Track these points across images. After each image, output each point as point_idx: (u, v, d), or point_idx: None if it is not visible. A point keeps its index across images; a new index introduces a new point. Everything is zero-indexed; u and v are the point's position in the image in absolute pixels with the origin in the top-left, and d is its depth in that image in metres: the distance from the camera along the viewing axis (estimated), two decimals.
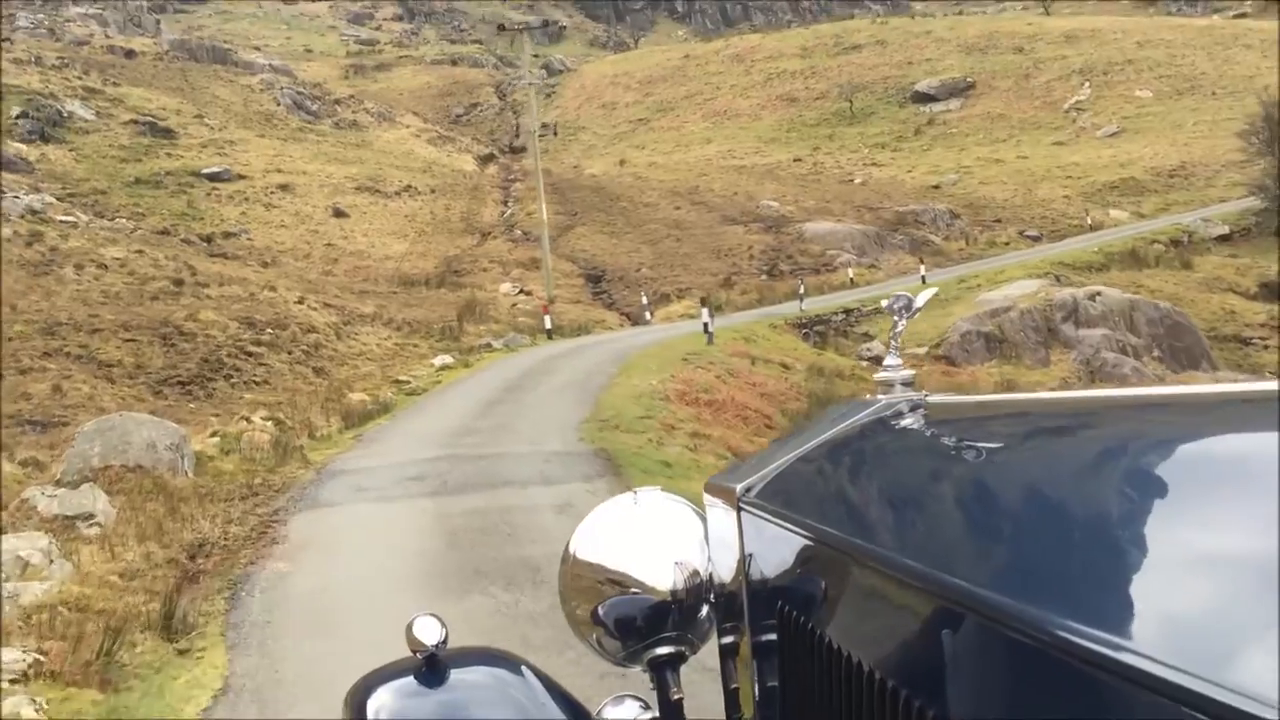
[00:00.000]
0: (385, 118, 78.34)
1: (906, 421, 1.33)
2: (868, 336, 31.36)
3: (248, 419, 16.11)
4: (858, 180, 56.01)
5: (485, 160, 72.68)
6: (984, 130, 62.82)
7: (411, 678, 1.45)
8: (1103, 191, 49.52)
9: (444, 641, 1.44)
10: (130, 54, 79.36)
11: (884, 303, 1.56)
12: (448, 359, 22.53)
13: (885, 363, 1.48)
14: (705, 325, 25.87)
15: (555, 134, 45.18)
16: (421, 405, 17.34)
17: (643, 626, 1.54)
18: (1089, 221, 45.24)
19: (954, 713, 0.80)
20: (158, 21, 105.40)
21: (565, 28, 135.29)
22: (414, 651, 1.45)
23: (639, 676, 1.57)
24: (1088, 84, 64.42)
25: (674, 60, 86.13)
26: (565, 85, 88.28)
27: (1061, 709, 0.66)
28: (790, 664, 1.21)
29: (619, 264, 43.98)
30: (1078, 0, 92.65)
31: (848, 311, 32.58)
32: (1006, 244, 44.51)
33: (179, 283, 25.85)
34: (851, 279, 38.60)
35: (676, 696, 1.53)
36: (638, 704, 1.57)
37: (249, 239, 47.21)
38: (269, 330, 23.24)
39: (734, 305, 37.49)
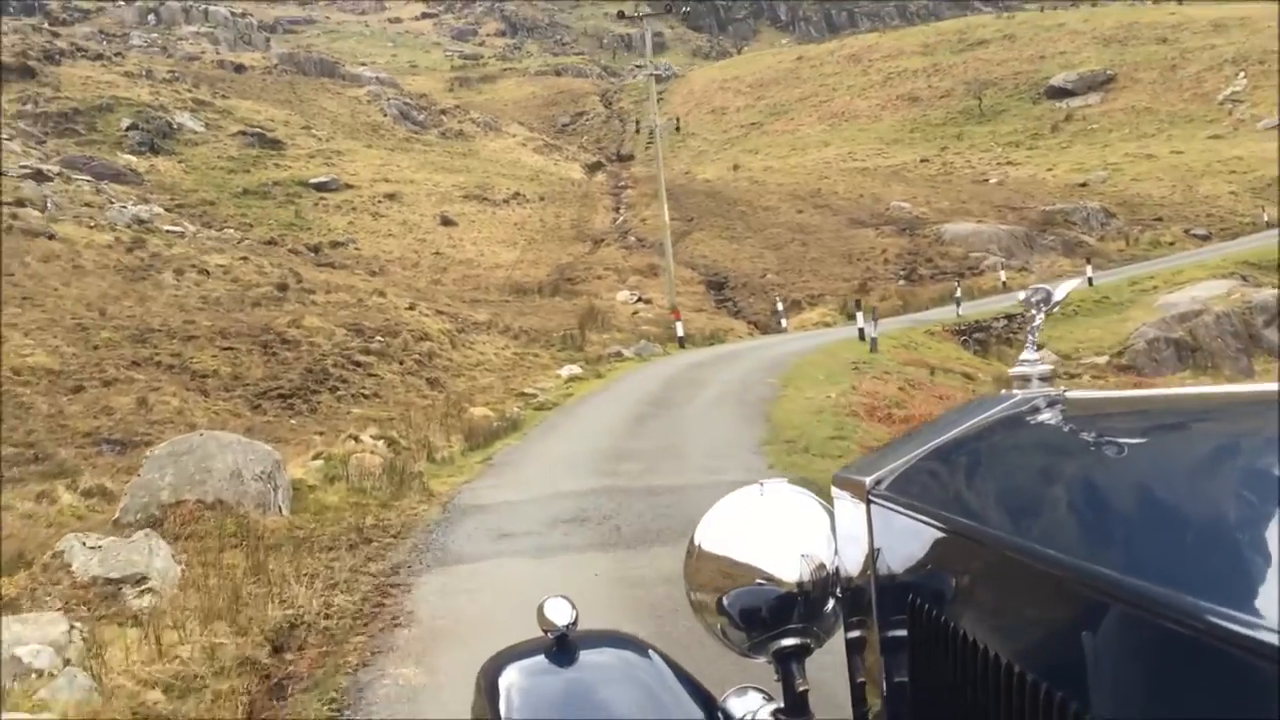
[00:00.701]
0: (491, 127, 76.81)
1: (1044, 417, 1.28)
2: (1034, 346, 27.90)
3: (356, 437, 13.62)
4: (993, 180, 52.26)
5: (593, 168, 70.59)
6: (1129, 125, 58.40)
7: (542, 656, 1.47)
8: (1274, 187, 44.95)
9: (574, 623, 1.45)
10: (240, 68, 79.25)
11: (1021, 294, 1.46)
12: (575, 369, 19.90)
13: (1021, 357, 1.41)
14: (861, 331, 23.00)
15: (679, 129, 42.45)
16: (555, 422, 14.67)
17: (768, 617, 1.53)
18: (1265, 218, 40.87)
19: (1098, 706, 0.78)
20: (267, 39, 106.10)
21: (665, 38, 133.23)
22: (545, 632, 1.46)
23: (764, 668, 1.55)
24: (1243, 74, 59.54)
25: (786, 63, 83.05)
26: (673, 91, 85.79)
27: (1213, 699, 0.64)
28: (921, 658, 1.18)
29: (741, 270, 41.09)
30: None
31: (1009, 318, 29.16)
32: (1171, 243, 40.45)
33: (283, 288, 23.75)
34: (1004, 283, 35.06)
35: (802, 688, 1.52)
36: (761, 695, 1.56)
37: (356, 248, 45.52)
38: (379, 338, 20.90)
39: (870, 308, 34.28)
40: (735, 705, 1.55)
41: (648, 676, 1.47)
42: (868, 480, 1.33)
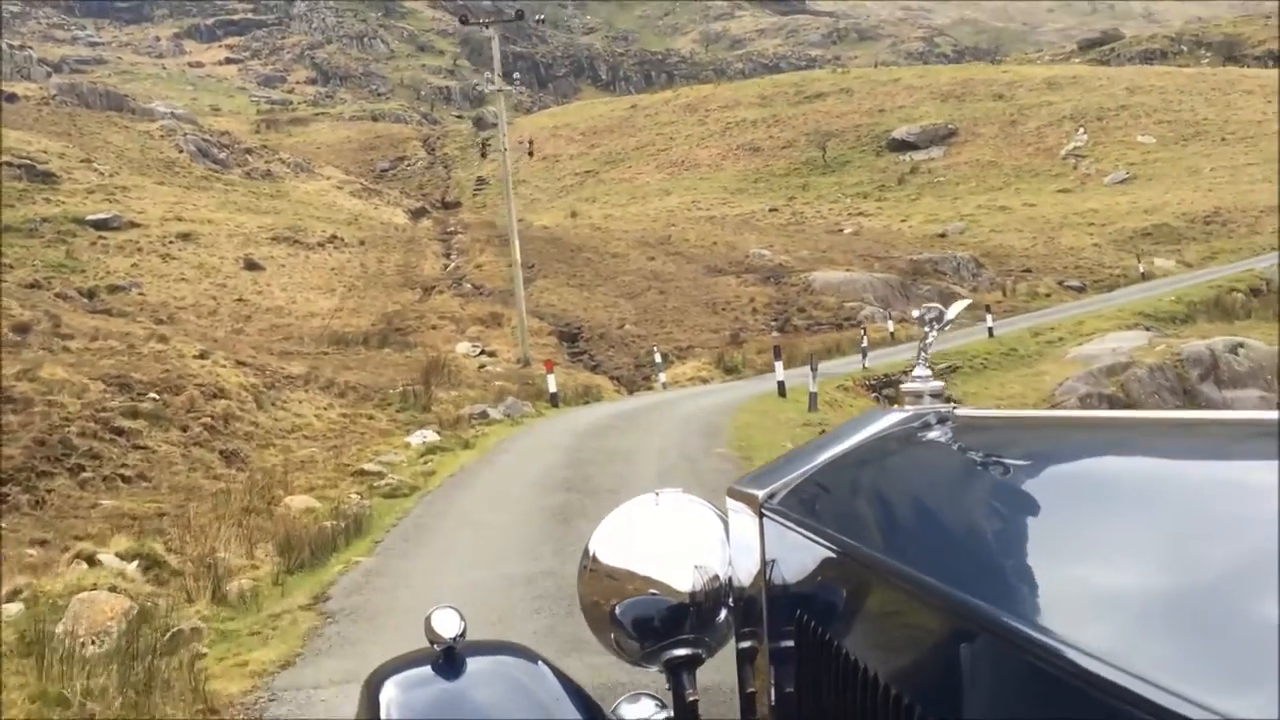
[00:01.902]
0: (303, 169, 70.41)
1: (934, 434, 1.30)
2: (950, 401, 24.28)
3: (93, 556, 8.22)
4: (848, 230, 49.71)
5: (417, 214, 65.24)
6: (976, 178, 57.21)
7: (428, 668, 1.43)
8: (1134, 239, 43.76)
9: (462, 634, 1.41)
10: (11, 98, 70.36)
11: (915, 312, 1.50)
12: (430, 435, 14.78)
13: (914, 374, 1.43)
14: (780, 385, 18.79)
15: (531, 154, 37.89)
16: (423, 521, 9.61)
17: (660, 628, 1.52)
18: (1141, 270, 39.20)
19: None
20: (48, 74, 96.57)
21: (484, 94, 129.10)
22: (432, 643, 1.42)
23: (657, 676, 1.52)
24: (1083, 130, 59.45)
25: (619, 111, 79.92)
26: (493, 153, 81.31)
27: None
28: (807, 671, 1.19)
29: (596, 320, 36.56)
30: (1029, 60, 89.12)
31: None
32: (1048, 295, 38.20)
33: (23, 329, 17.73)
34: (892, 333, 31.66)
35: (692, 698, 1.52)
36: (654, 703, 1.55)
37: (140, 293, 38.75)
38: (153, 395, 15.23)
39: (752, 366, 30.27)
40: (628, 711, 1.54)
41: (534, 688, 1.43)
42: (760, 494, 1.33)
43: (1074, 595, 0.74)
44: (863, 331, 26.09)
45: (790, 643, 1.24)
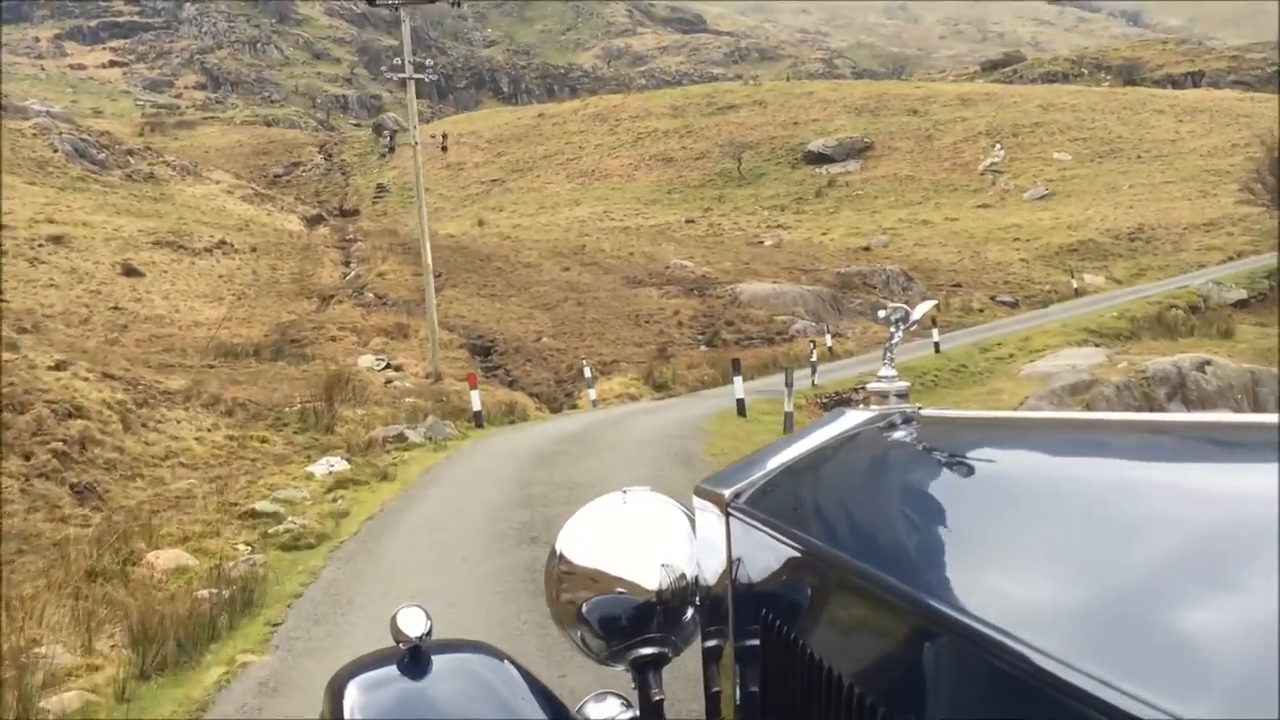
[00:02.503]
0: (190, 172, 66.26)
1: (899, 434, 1.31)
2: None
3: None
4: (768, 242, 48.02)
5: (314, 221, 61.71)
6: (894, 192, 56.14)
7: (394, 668, 1.42)
8: (1061, 255, 42.89)
9: (428, 634, 1.41)
10: None
11: (880, 313, 1.51)
12: (338, 463, 12.14)
13: (880, 374, 1.44)
14: (740, 404, 16.65)
15: (445, 149, 35.19)
16: (338, 587, 7.08)
17: (627, 626, 1.52)
18: (1075, 286, 38.17)
19: None
20: None
21: (383, 101, 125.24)
22: (398, 642, 1.41)
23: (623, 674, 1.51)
24: (999, 146, 58.90)
25: (526, 120, 77.41)
26: (404, 143, 78.03)
27: None
28: (772, 671, 1.19)
29: (511, 332, 33.98)
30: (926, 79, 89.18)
31: (864, 386, 23.52)
32: (981, 310, 36.85)
33: None
34: (831, 348, 29.79)
35: (658, 697, 1.52)
36: (619, 702, 1.55)
37: (3, 300, 35.00)
38: None
39: (683, 382, 28.08)
40: (593, 710, 1.53)
41: (500, 687, 1.43)
42: (727, 493, 1.32)
43: (1035, 597, 0.74)
44: (812, 346, 24.04)
45: (756, 641, 1.23)
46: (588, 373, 23.70)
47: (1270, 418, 0.87)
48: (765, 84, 78.11)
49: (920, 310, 1.52)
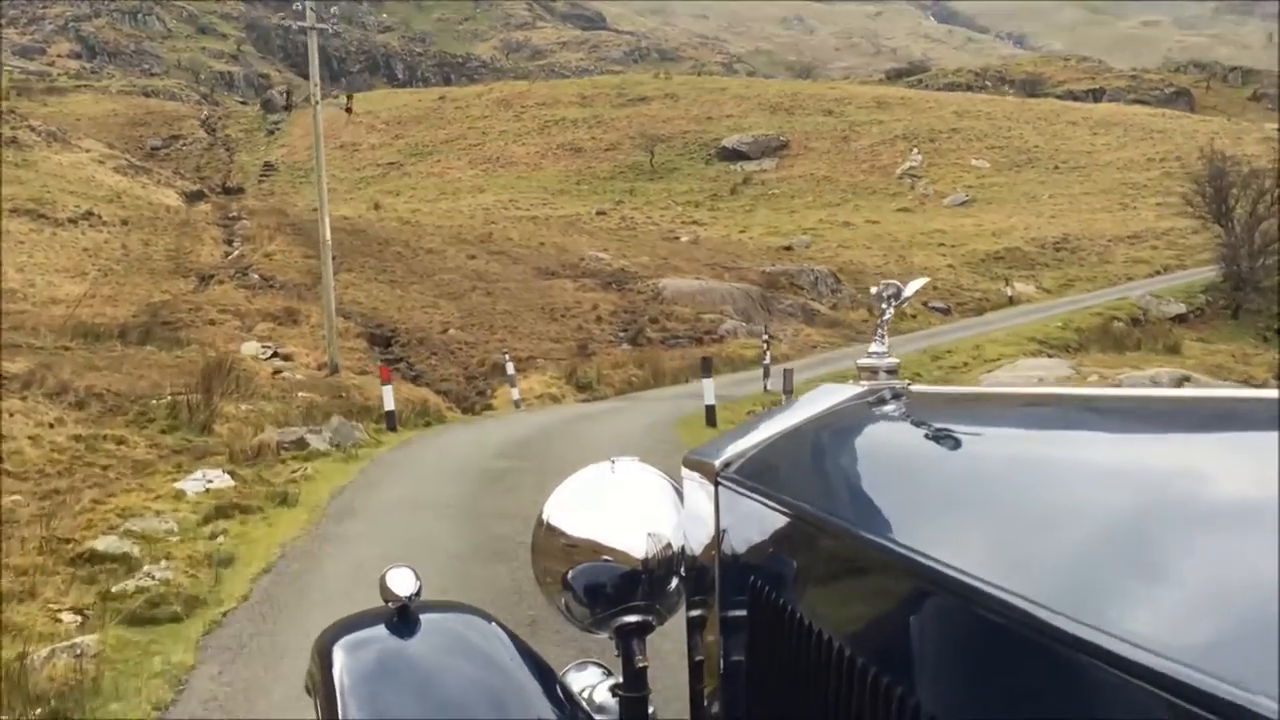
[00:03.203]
0: (57, 138, 60.99)
1: (888, 408, 1.33)
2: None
3: None
4: (684, 238, 45.73)
5: (194, 197, 57.27)
6: (811, 192, 54.36)
7: (382, 626, 1.43)
8: (987, 262, 41.51)
9: (417, 594, 1.42)
10: None
11: (874, 289, 1.51)
12: (219, 478, 9.16)
13: (870, 349, 1.45)
14: (710, 410, 14.18)
15: (350, 110, 31.81)
16: (222, 704, 4.16)
17: (612, 594, 1.53)
18: (1009, 295, 36.70)
19: (922, 692, 0.81)
20: None
21: (271, 81, 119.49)
22: (386, 602, 1.42)
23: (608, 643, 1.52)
24: (916, 151, 57.65)
25: (427, 102, 73.75)
26: (292, 122, 73.62)
27: (1028, 690, 0.68)
28: (759, 638, 1.20)
29: (414, 322, 30.84)
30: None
31: None
32: (914, 317, 35.01)
33: None
34: (767, 345, 27.44)
35: (641, 665, 1.53)
36: (600, 670, 1.59)
37: None
38: None
39: (609, 383, 25.42)
40: (575, 679, 1.58)
41: (489, 647, 1.44)
42: (717, 463, 1.33)
43: (1022, 560, 0.75)
44: (765, 345, 21.48)
45: (742, 611, 1.24)
46: (510, 369, 20.84)
47: (1259, 392, 0.89)
48: (677, 78, 75.85)
49: (913, 287, 1.49)
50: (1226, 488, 0.70)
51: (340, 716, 1.31)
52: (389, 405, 14.67)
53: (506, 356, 20.79)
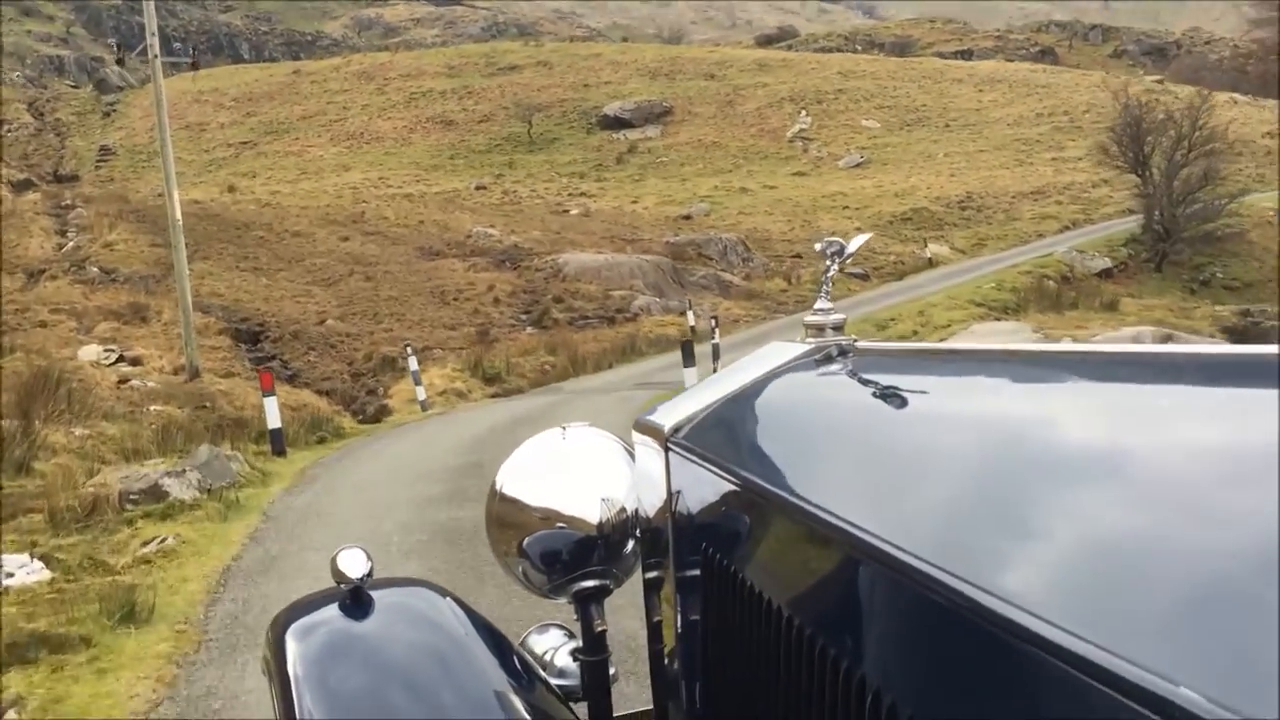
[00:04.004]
0: None
1: (835, 366, 1.33)
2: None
3: None
4: (574, 211, 42.66)
5: (21, 187, 51.53)
6: (701, 159, 51.72)
7: (335, 607, 1.41)
8: (895, 224, 39.51)
9: (369, 574, 1.40)
10: None
11: (818, 245, 1.51)
12: (28, 565, 5.81)
13: (815, 306, 1.44)
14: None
15: (195, 66, 27.67)
16: None
17: (568, 560, 1.53)
18: (928, 256, 34.70)
19: (863, 660, 0.82)
20: None
21: (105, 63, 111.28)
22: (339, 584, 1.41)
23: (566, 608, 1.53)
24: (805, 113, 55.52)
25: (279, 77, 68.63)
26: (130, 104, 67.64)
27: (967, 664, 0.68)
28: (712, 601, 1.21)
29: (285, 313, 27.05)
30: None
31: None
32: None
33: None
34: (693, 328, 24.68)
35: (600, 629, 1.54)
36: (562, 633, 1.59)
37: None
38: None
39: (520, 373, 22.26)
40: (536, 643, 1.58)
41: (444, 622, 1.42)
42: (666, 427, 1.34)
43: (966, 526, 0.75)
44: (713, 325, 18.49)
45: (696, 572, 1.25)
46: (414, 364, 17.45)
47: (1212, 347, 0.94)
48: (548, 45, 72.23)
49: (855, 244, 1.49)
50: (1180, 441, 0.69)
51: (296, 699, 1.27)
52: (273, 422, 11.27)
53: (409, 350, 17.41)
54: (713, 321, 17.91)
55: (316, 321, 26.52)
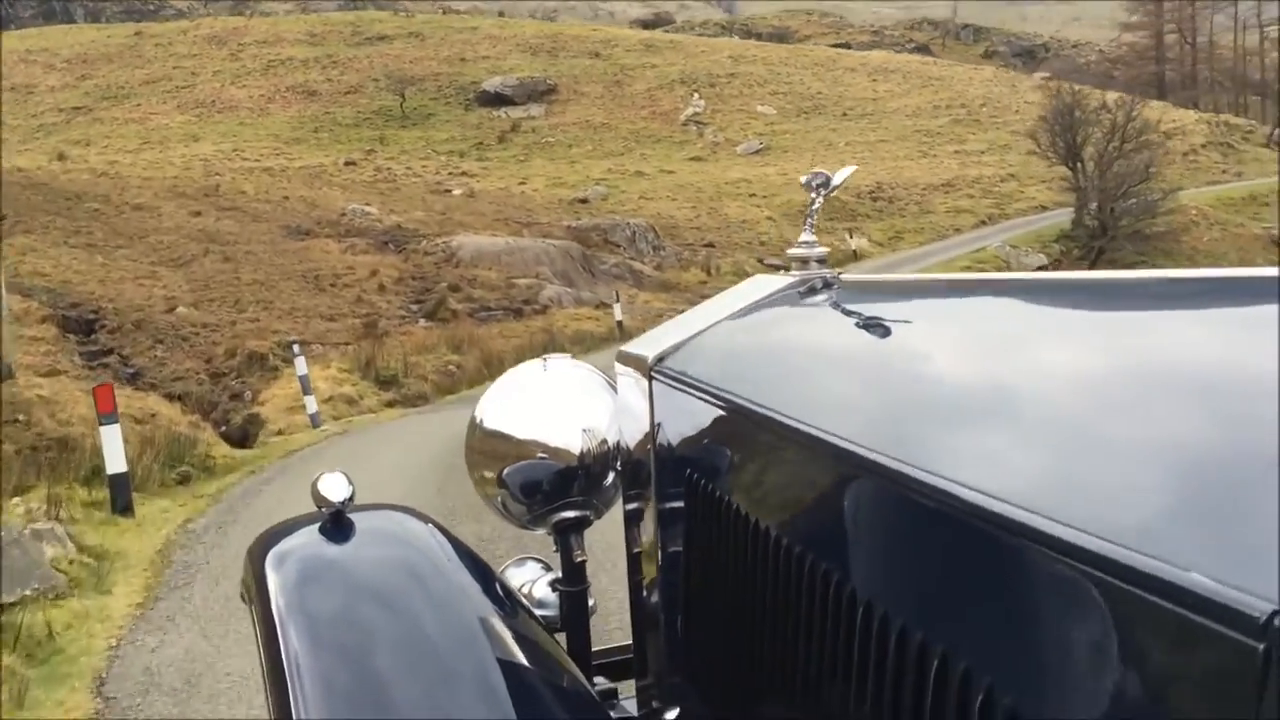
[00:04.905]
0: None
1: (818, 298, 1.33)
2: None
3: None
4: (457, 191, 38.89)
5: None
6: (590, 140, 48.29)
7: (315, 530, 1.39)
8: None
9: (350, 499, 1.38)
10: None
11: (802, 179, 1.48)
12: None
13: (800, 239, 1.43)
14: None
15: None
16: None
17: (548, 490, 1.54)
18: (853, 249, 32.21)
19: (852, 573, 0.83)
20: None
21: None
22: (319, 507, 1.39)
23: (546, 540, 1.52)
24: (698, 96, 52.59)
25: (119, 39, 62.33)
26: None
27: (959, 568, 0.69)
28: (695, 529, 1.22)
29: (126, 298, 22.55)
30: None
31: None
32: (751, 274, 29.61)
33: None
34: (620, 323, 21.48)
35: (580, 559, 1.55)
36: (539, 565, 1.61)
37: None
38: None
39: (420, 374, 18.56)
40: (514, 575, 1.58)
41: (426, 547, 1.39)
42: (650, 356, 1.34)
43: (948, 440, 0.76)
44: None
45: (678, 503, 1.24)
46: (301, 366, 13.51)
47: (1191, 271, 0.94)
48: (420, 15, 67.57)
49: (841, 175, 1.46)
50: (1157, 366, 0.70)
51: (276, 621, 1.26)
52: (115, 464, 7.44)
53: (295, 348, 13.46)
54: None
55: (165, 309, 22.15)
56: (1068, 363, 0.77)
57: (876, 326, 1.08)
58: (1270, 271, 0.79)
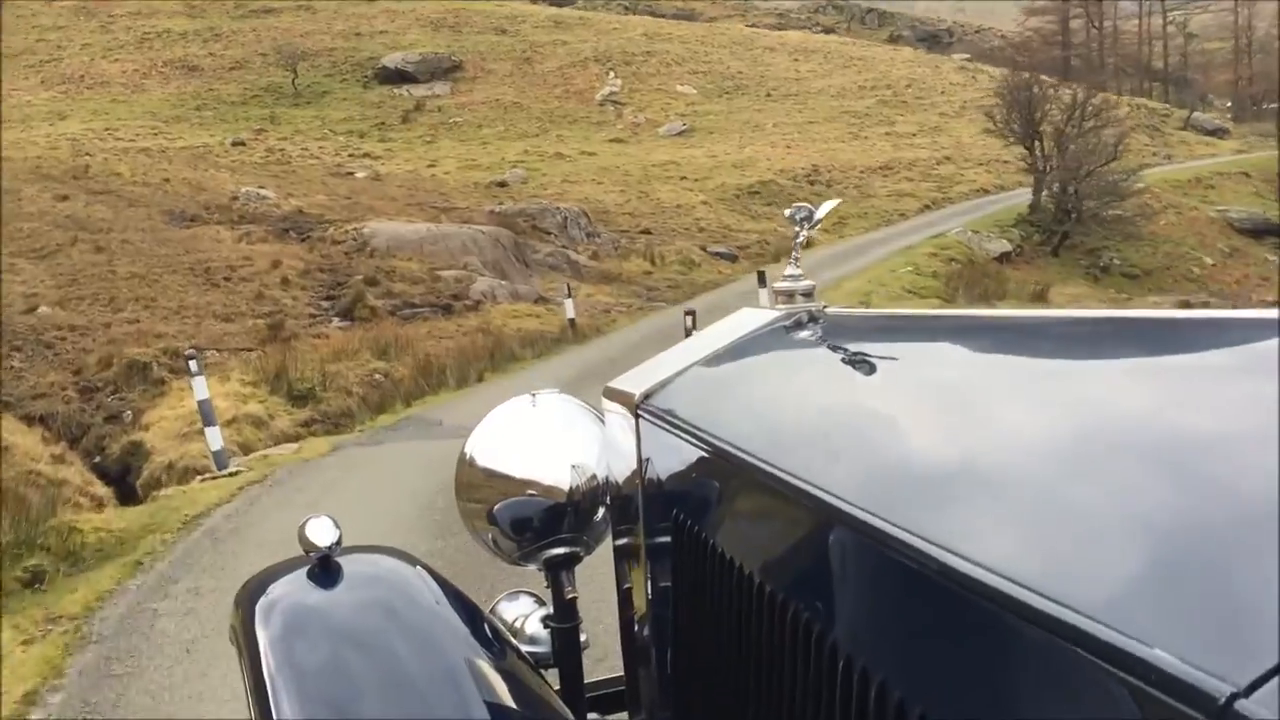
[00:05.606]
0: None
1: (805, 333, 1.33)
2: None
3: None
4: (360, 174, 35.55)
5: None
6: (501, 120, 45.01)
7: (303, 575, 1.38)
8: (743, 198, 34.54)
9: (338, 543, 1.37)
10: None
11: (787, 211, 1.48)
12: None
13: (785, 273, 1.43)
14: None
15: None
16: None
17: (539, 527, 1.52)
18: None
19: (834, 625, 0.83)
20: None
21: None
22: (307, 552, 1.37)
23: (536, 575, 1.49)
24: (614, 74, 49.67)
25: None
26: None
27: (938, 628, 0.69)
28: (682, 567, 1.21)
29: None
30: None
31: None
32: (698, 264, 27.29)
33: None
34: (573, 320, 18.59)
35: (570, 596, 1.53)
36: (532, 599, 1.58)
37: None
38: None
39: (344, 389, 15.38)
40: (506, 609, 1.56)
41: (414, 590, 1.39)
42: (636, 394, 1.32)
43: (935, 491, 0.75)
44: (690, 323, 11.97)
45: (667, 539, 1.23)
46: (200, 387, 10.20)
47: (1172, 313, 0.89)
48: None
49: (824, 209, 1.47)
50: (1146, 412, 0.69)
51: (265, 670, 1.25)
52: None
53: (194, 366, 10.18)
54: (689, 319, 11.46)
55: (24, 309, 18.51)
56: (1047, 420, 0.75)
57: (861, 363, 1.06)
58: (1254, 313, 0.81)
